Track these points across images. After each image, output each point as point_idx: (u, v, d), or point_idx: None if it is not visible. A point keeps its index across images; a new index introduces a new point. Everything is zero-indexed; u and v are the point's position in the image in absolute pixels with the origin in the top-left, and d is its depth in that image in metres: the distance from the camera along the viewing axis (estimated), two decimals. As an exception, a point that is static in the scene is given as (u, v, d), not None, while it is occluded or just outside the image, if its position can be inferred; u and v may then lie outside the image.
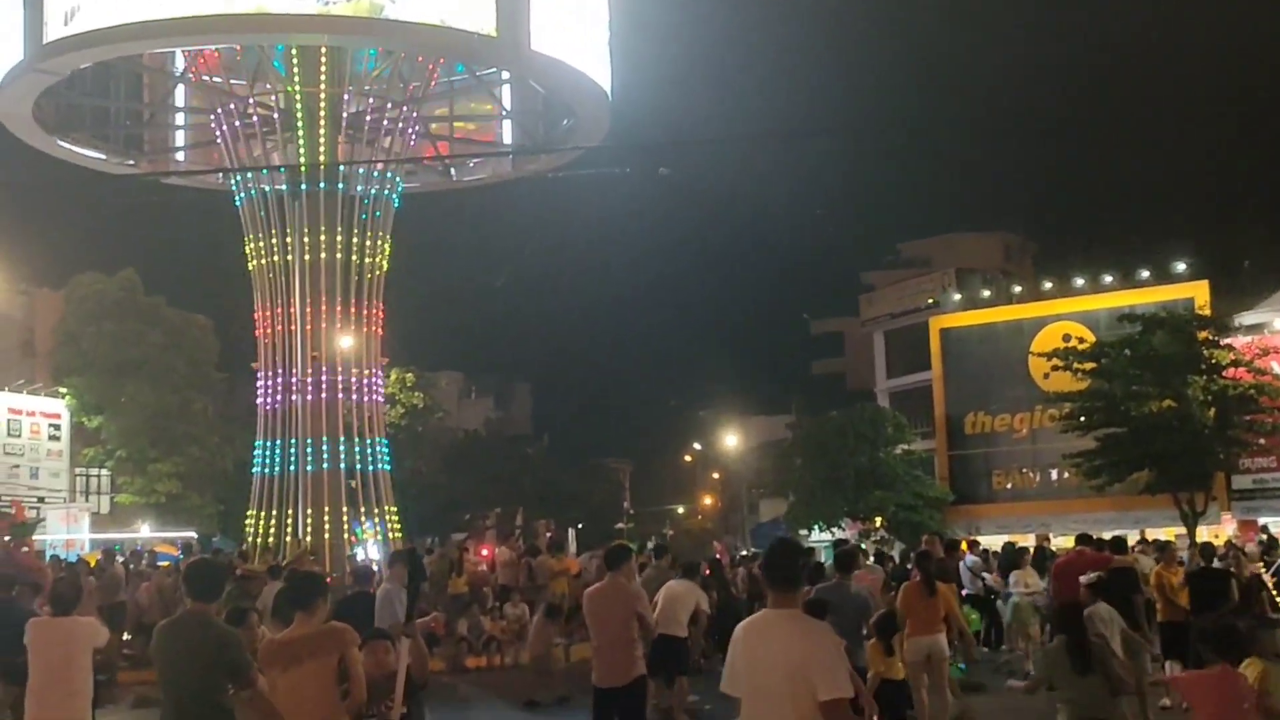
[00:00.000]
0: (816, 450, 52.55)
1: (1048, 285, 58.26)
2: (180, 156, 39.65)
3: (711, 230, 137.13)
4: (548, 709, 17.91)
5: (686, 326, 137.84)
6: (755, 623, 6.38)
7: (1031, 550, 24.85)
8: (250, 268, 33.54)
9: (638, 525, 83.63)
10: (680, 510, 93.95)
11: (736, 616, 16.88)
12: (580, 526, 61.58)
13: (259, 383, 33.36)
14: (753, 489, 75.10)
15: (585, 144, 35.03)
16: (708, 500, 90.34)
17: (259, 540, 31.73)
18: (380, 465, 33.18)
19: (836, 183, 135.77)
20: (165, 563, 27.14)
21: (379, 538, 33.75)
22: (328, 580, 9.47)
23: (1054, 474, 55.34)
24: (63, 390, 50.49)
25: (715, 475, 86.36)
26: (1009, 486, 57.96)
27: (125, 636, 23.46)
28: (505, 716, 17.09)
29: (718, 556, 31.02)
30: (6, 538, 25.45)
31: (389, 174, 33.62)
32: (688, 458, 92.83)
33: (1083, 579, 13.90)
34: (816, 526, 52.35)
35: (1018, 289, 59.94)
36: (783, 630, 6.14)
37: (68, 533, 41.53)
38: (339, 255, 32.47)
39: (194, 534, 45.03)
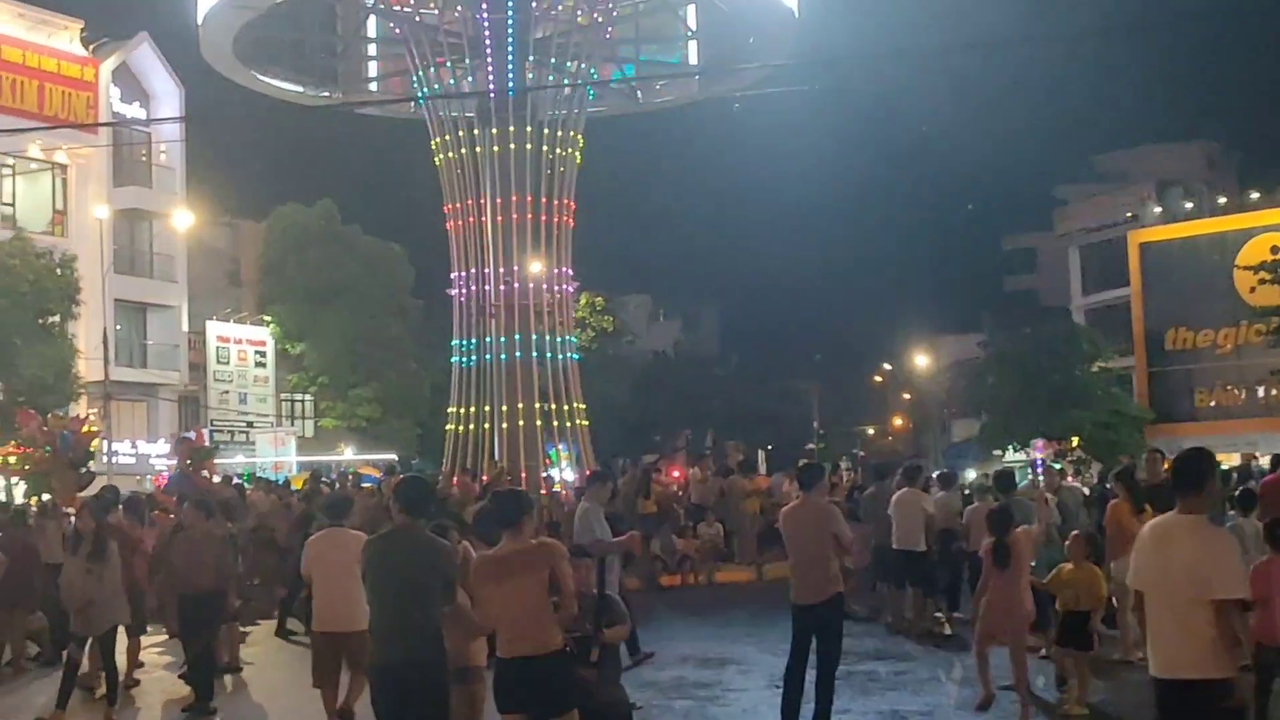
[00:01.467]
0: (1010, 369, 51.61)
1: (1254, 196, 56.05)
2: (373, 87, 40.38)
3: (900, 146, 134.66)
4: (739, 624, 18.04)
5: (875, 244, 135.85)
6: (1160, 525, 6.91)
7: (1236, 469, 24.17)
8: (436, 161, 34.35)
9: (828, 446, 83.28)
10: (870, 431, 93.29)
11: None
12: (770, 448, 61.66)
13: (453, 274, 34.41)
14: (945, 409, 74.23)
15: (771, 62, 34.69)
16: (898, 421, 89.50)
17: (457, 451, 32.73)
18: (569, 355, 34.03)
19: (1027, 94, 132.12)
20: (368, 484, 27.94)
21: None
22: (531, 499, 9.64)
23: (1260, 391, 53.59)
24: (267, 318, 52.21)
25: (906, 396, 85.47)
26: (1212, 404, 56.32)
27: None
28: (699, 633, 17.28)
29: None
30: (188, 461, 26.53)
31: (579, 82, 33.87)
32: (877, 378, 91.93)
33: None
34: (1010, 447, 51.55)
35: (1222, 200, 57.79)
36: (1185, 533, 6.65)
37: (276, 455, 43.09)
38: (529, 148, 33.03)
39: (394, 456, 46.34)
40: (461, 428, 33.54)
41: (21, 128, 35.70)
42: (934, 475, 20.05)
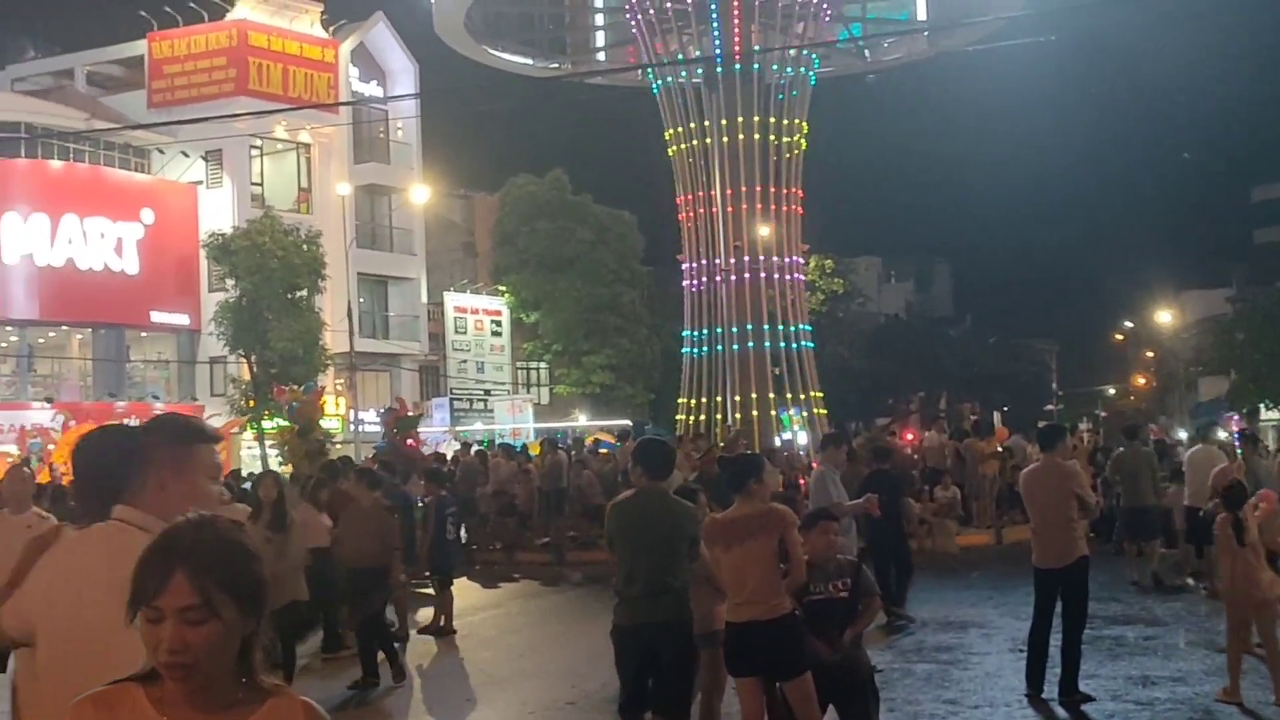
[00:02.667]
0: (1262, 324, 49.49)
1: None
2: (600, 56, 40.75)
3: (1139, 92, 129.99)
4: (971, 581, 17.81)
5: (1113, 197, 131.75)
6: None
7: None
8: (670, 153, 34.33)
9: (1067, 407, 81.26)
10: (1111, 391, 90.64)
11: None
12: (1006, 409, 60.45)
13: (684, 264, 34.25)
14: (1190, 367, 71.57)
15: (1003, 14, 33.84)
16: (1140, 380, 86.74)
17: (690, 422, 32.76)
18: (803, 344, 33.55)
19: (1276, 37, 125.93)
20: (605, 450, 28.34)
21: (804, 423, 34.20)
22: (764, 460, 9.64)
23: None
24: (502, 288, 53.32)
25: (1149, 354, 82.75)
26: None
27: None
28: (940, 596, 17.09)
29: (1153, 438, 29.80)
30: (394, 431, 27.21)
31: (804, 52, 33.51)
32: (1118, 336, 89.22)
33: None
34: (1263, 405, 49.49)
35: None
36: None
37: (514, 422, 44.00)
38: (756, 137, 32.78)
39: (628, 422, 46.89)
40: (692, 419, 33.57)
41: (268, 109, 37.10)
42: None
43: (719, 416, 32.87)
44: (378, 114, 49.36)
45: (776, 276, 33.24)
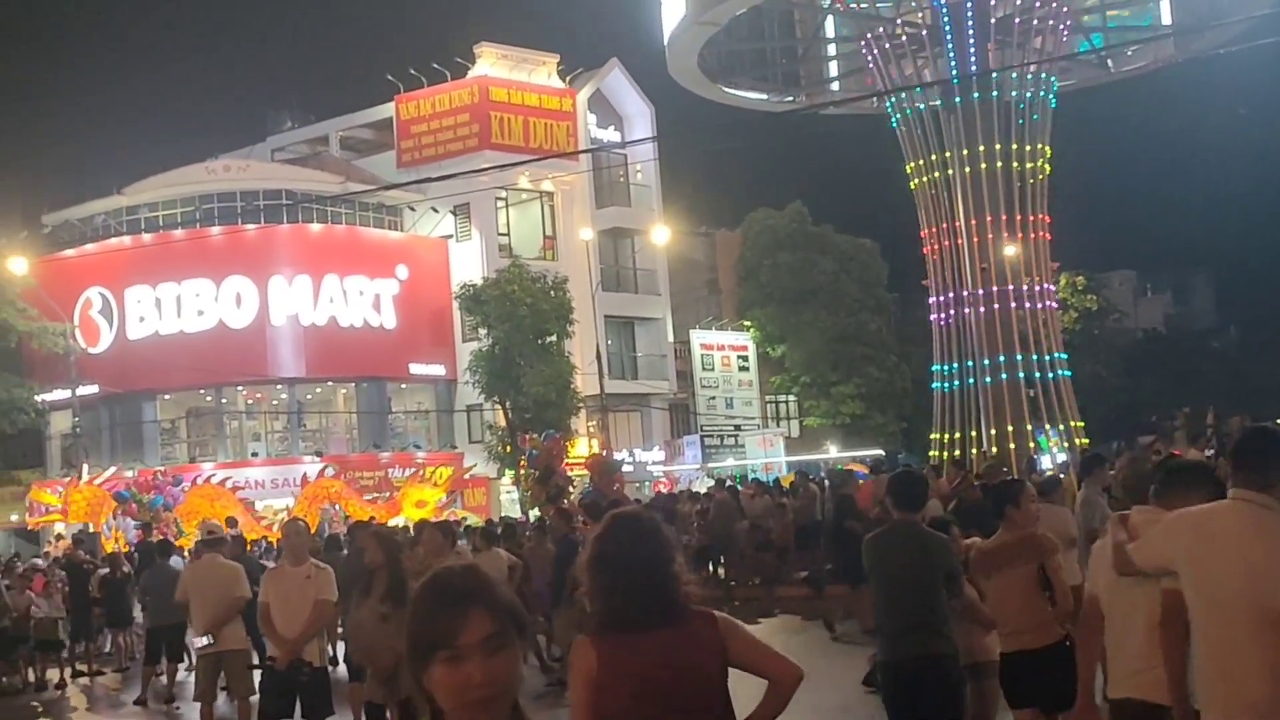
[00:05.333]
0: None
1: None
2: (835, 86, 40.61)
3: None
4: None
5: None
6: None
7: None
8: (911, 186, 33.87)
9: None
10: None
11: None
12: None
13: (931, 299, 33.70)
14: None
15: (1255, 12, 32.50)
16: None
17: (944, 455, 32.16)
18: (1059, 373, 32.57)
19: None
20: (861, 480, 28.06)
21: (1063, 444, 33.25)
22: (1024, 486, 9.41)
23: None
24: (746, 323, 53.43)
25: None
26: None
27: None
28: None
29: None
30: (597, 476, 27.28)
31: (1043, 75, 32.71)
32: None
33: None
34: None
35: None
36: None
37: (765, 457, 44.02)
38: (999, 165, 32.07)
39: (880, 451, 46.37)
40: (945, 455, 32.98)
41: (512, 162, 38.04)
42: None
43: (974, 451, 32.13)
44: (617, 158, 50.10)
45: (1027, 305, 32.34)
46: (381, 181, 45.23)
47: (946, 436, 32.76)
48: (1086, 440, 33.17)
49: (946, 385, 33.03)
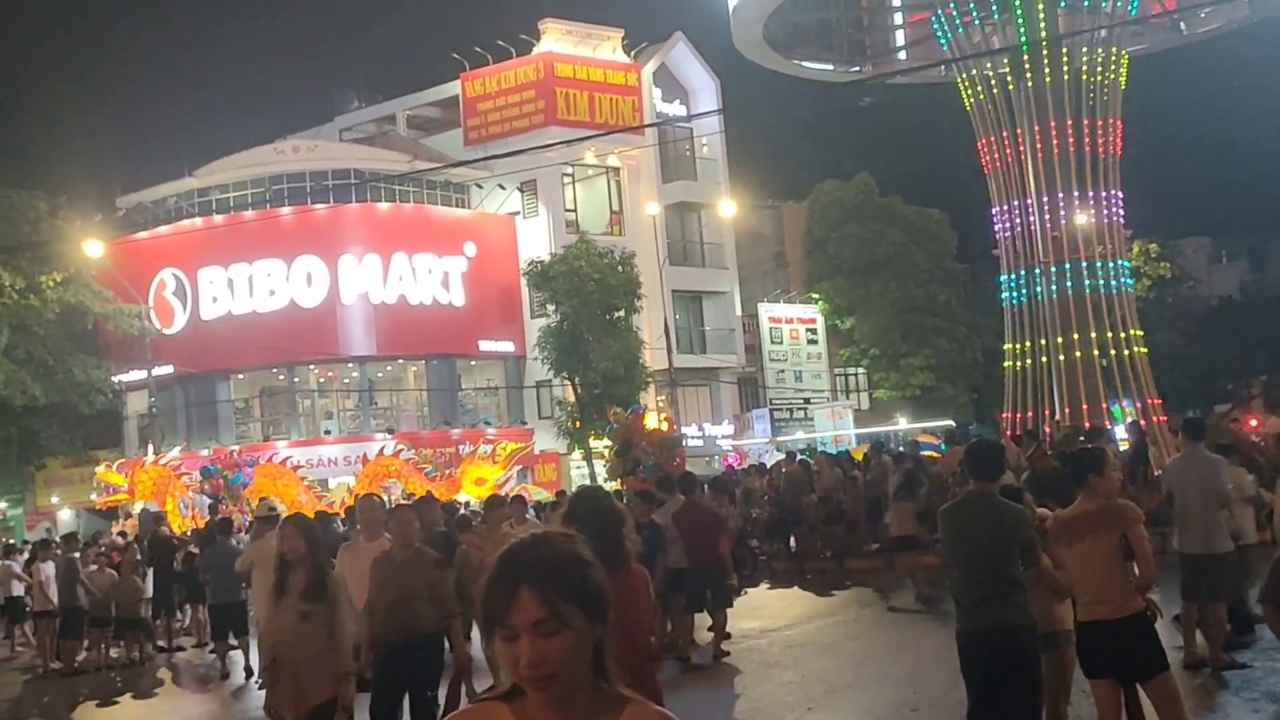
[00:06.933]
0: None
1: None
2: (901, 55, 40.21)
3: None
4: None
5: None
6: None
7: None
8: (983, 164, 33.43)
9: None
10: None
11: None
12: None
13: (1003, 275, 33.29)
14: None
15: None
16: None
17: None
18: (1134, 349, 32.08)
19: None
20: (929, 452, 27.92)
21: (1136, 414, 32.84)
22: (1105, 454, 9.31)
23: None
24: (815, 296, 53.24)
25: None
26: None
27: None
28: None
29: None
30: (658, 451, 27.18)
31: (1113, 46, 32.09)
32: None
33: None
34: None
35: None
36: None
37: (834, 429, 43.91)
38: (1071, 140, 31.52)
39: (951, 423, 46.11)
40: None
41: (578, 137, 38.05)
42: None
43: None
44: (683, 132, 50.01)
45: (1101, 282, 31.83)
46: (448, 159, 45.41)
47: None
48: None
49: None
